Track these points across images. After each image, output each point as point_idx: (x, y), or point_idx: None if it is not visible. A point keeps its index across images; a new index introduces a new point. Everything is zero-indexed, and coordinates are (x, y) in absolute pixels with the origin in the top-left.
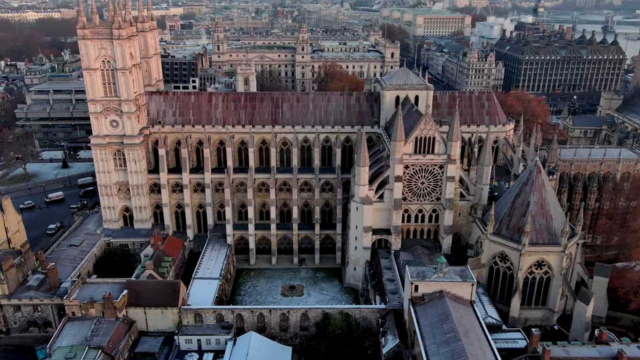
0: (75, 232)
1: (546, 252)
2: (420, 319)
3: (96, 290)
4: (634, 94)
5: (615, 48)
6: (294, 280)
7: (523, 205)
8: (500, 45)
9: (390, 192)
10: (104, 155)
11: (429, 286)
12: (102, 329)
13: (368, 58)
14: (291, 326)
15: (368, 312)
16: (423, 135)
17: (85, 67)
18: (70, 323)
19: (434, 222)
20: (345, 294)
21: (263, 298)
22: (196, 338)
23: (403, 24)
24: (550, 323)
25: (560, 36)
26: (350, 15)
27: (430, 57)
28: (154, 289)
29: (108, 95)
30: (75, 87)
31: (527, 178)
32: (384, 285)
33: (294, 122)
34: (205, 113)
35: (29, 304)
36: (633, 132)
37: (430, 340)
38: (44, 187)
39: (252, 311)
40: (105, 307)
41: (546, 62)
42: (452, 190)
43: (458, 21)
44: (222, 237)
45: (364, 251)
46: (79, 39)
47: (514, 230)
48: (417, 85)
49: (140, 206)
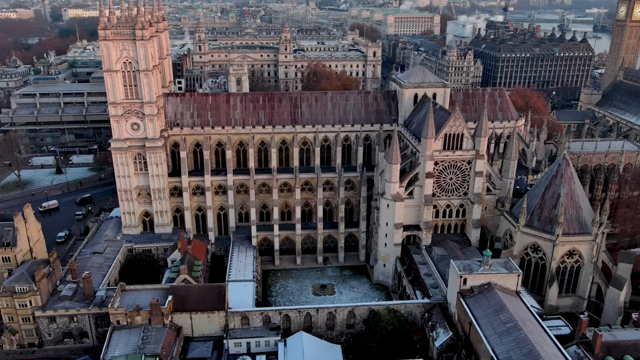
0: (94, 239)
1: (578, 241)
2: (474, 310)
3: (137, 297)
4: (612, 90)
5: (584, 45)
6: (322, 279)
7: (553, 198)
8: (475, 44)
9: (420, 189)
10: (125, 159)
11: (477, 279)
12: (152, 337)
13: (350, 57)
14: (337, 324)
15: (413, 307)
16: (452, 132)
17: (107, 68)
18: (116, 332)
19: (461, 216)
20: (376, 291)
21: (295, 298)
22: (245, 341)
23: (374, 23)
24: (580, 310)
25: (531, 34)
26: (318, 14)
27: (406, 56)
28: (200, 294)
29: (129, 97)
30: (63, 90)
31: (556, 171)
32: (423, 280)
33: (313, 121)
34: (224, 114)
35: (64, 315)
36: (615, 126)
37: (489, 330)
38: (46, 194)
39: (299, 311)
40: (152, 313)
41: (521, 60)
42: (480, 185)
43: (427, 20)
44: (245, 238)
45: (395, 247)
46: (100, 40)
47: (546, 221)
48: (434, 83)
49: (161, 210)
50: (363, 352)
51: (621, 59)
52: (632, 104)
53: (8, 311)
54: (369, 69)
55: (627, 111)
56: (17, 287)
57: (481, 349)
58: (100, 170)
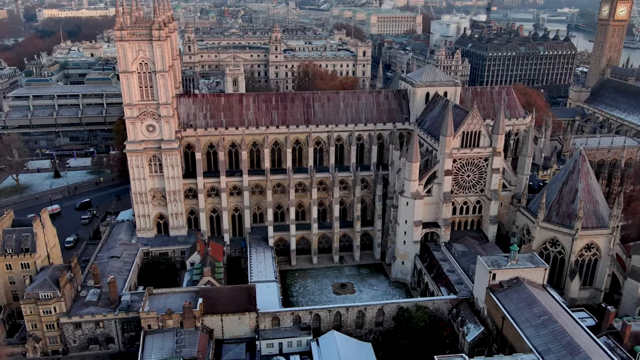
0: (108, 243)
1: (596, 235)
2: (506, 305)
3: (166, 300)
4: (600, 87)
5: (568, 44)
6: (340, 278)
7: (571, 193)
8: (461, 43)
9: (439, 186)
10: (140, 161)
11: (505, 274)
12: (186, 340)
13: (341, 57)
14: (367, 322)
15: (441, 303)
16: (470, 130)
17: (122, 70)
18: (149, 337)
19: (477, 213)
20: (395, 288)
21: (317, 297)
22: (278, 341)
23: (357, 23)
24: (597, 302)
25: (515, 33)
26: (299, 14)
27: (392, 55)
28: (230, 295)
29: (145, 98)
30: (57, 92)
31: (573, 167)
32: (447, 277)
33: (326, 121)
34: (237, 115)
35: (90, 321)
36: (605, 122)
37: (525, 324)
38: (50, 198)
39: (329, 310)
40: (185, 317)
41: (508, 58)
42: (497, 181)
43: (410, 20)
44: (261, 239)
45: (414, 245)
46: (117, 40)
47: (564, 216)
48: (446, 82)
49: (176, 213)
50: (393, 349)
51: (605, 57)
52: (621, 100)
53: (31, 318)
54: (359, 69)
55: (616, 108)
56: (41, 294)
57: (517, 343)
58: (99, 173)
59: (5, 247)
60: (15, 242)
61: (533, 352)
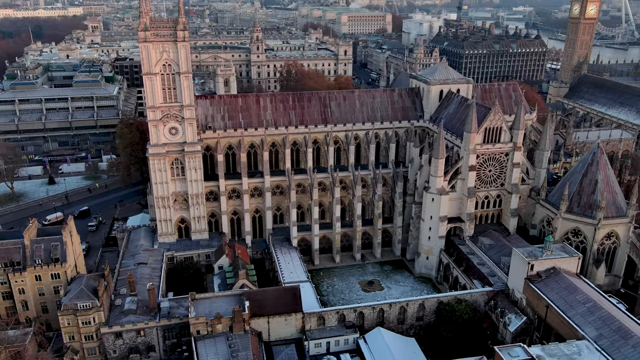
0: (129, 250)
1: (616, 224)
2: (548, 294)
3: (211, 305)
4: (578, 83)
5: (538, 42)
6: (365, 276)
7: (591, 184)
8: (437, 42)
9: (462, 182)
10: (162, 165)
11: (543, 264)
12: (238, 344)
13: (322, 56)
14: (408, 318)
15: (477, 296)
16: (492, 126)
17: (146, 72)
18: (200, 343)
19: (498, 206)
20: (421, 283)
21: (347, 296)
22: (325, 341)
23: (328, 22)
24: (615, 287)
25: (487, 32)
26: (267, 14)
27: (369, 54)
28: (275, 297)
29: (168, 101)
30: (44, 95)
31: (592, 159)
32: (479, 269)
33: (343, 120)
34: (255, 115)
35: (132, 329)
36: (585, 116)
37: (571, 312)
38: (54, 207)
39: (373, 307)
40: (234, 320)
41: (483, 56)
42: (517, 175)
43: (380, 19)
44: (284, 240)
45: (439, 240)
46: (140, 41)
47: (585, 207)
48: (458, 80)
49: (198, 216)
50: (435, 342)
51: (576, 54)
52: (600, 95)
53: (69, 330)
54: (340, 68)
55: (595, 102)
56: (80, 304)
57: (565, 330)
58: (94, 179)
59: (34, 257)
60: (44, 252)
61: (585, 338)
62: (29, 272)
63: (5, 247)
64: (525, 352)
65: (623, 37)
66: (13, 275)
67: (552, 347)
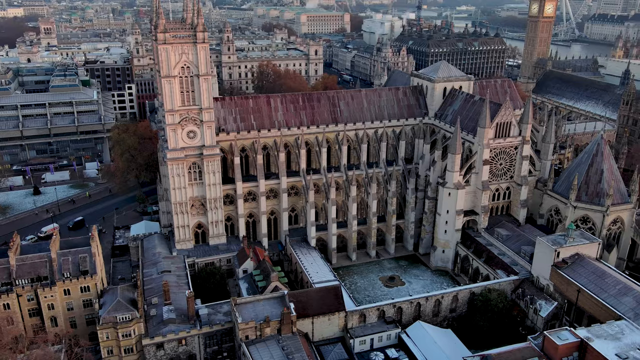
0: (147, 258)
1: (622, 210)
2: (577, 279)
3: (254, 309)
4: (544, 78)
5: (498, 40)
6: (384, 272)
7: (597, 173)
8: (402, 41)
9: (476, 176)
10: (180, 169)
11: (567, 251)
12: (290, 346)
13: (293, 56)
14: (442, 310)
15: (505, 285)
16: (503, 121)
17: (165, 75)
18: (252, 347)
19: (507, 198)
20: (439, 276)
21: (371, 292)
22: (369, 338)
23: (287, 22)
24: (621, 269)
25: (448, 31)
26: (221, 14)
27: (334, 54)
28: (318, 297)
29: (186, 104)
30: (20, 101)
31: (596, 150)
32: (501, 259)
33: (353, 119)
34: (267, 117)
35: (174, 339)
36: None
37: (603, 294)
38: (52, 216)
39: (410, 302)
40: (283, 323)
41: (447, 54)
42: (526, 167)
43: (338, 19)
44: (301, 240)
45: (456, 233)
46: (160, 44)
47: (593, 195)
48: (460, 77)
49: (216, 221)
50: (468, 332)
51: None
52: (566, 89)
53: (108, 344)
54: (311, 67)
55: (562, 96)
56: (119, 317)
57: (599, 312)
58: (82, 188)
59: (62, 270)
60: (72, 264)
61: (623, 318)
62: (58, 286)
63: (32, 262)
64: (573, 334)
65: (565, 35)
66: (42, 291)
67: (596, 328)
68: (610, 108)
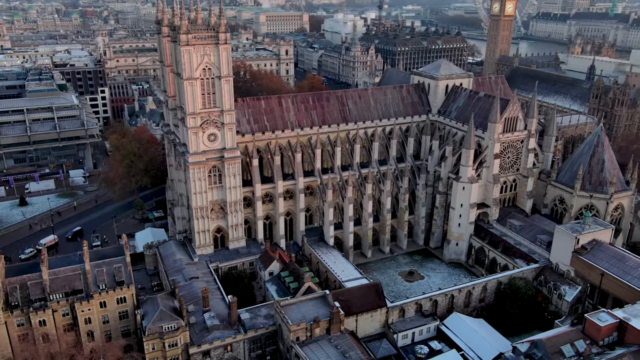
0: (169, 265)
1: (623, 197)
2: (599, 264)
3: (298, 310)
4: (511, 75)
5: (460, 38)
6: (401, 267)
7: (599, 163)
8: (367, 40)
9: (487, 169)
10: (201, 173)
11: (586, 237)
12: (343, 345)
13: (264, 56)
14: (473, 300)
15: (527, 273)
16: (511, 116)
17: (187, 77)
18: (306, 348)
19: (513, 190)
20: (455, 268)
21: (394, 288)
22: (411, 332)
23: (245, 22)
24: None
25: (411, 30)
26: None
27: (300, 53)
28: (360, 295)
29: (207, 106)
30: None
31: (597, 141)
32: (519, 249)
33: (361, 117)
34: (279, 118)
35: (220, 346)
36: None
37: (626, 277)
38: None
39: (445, 294)
40: (332, 322)
41: (414, 52)
42: (532, 160)
43: (297, 18)
44: (318, 240)
45: (470, 226)
46: (182, 45)
47: (596, 184)
48: (461, 74)
49: (236, 224)
50: (497, 320)
51: (498, 48)
52: (534, 85)
53: (153, 355)
54: (282, 67)
55: (531, 92)
56: (165, 326)
57: (624, 293)
58: (70, 196)
59: (98, 282)
60: (107, 275)
61: None
62: (95, 299)
63: (65, 275)
64: (611, 315)
65: (512, 33)
66: (80, 305)
67: (630, 309)
68: (577, 102)
